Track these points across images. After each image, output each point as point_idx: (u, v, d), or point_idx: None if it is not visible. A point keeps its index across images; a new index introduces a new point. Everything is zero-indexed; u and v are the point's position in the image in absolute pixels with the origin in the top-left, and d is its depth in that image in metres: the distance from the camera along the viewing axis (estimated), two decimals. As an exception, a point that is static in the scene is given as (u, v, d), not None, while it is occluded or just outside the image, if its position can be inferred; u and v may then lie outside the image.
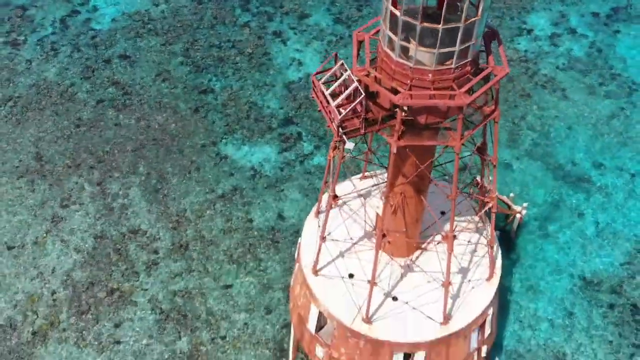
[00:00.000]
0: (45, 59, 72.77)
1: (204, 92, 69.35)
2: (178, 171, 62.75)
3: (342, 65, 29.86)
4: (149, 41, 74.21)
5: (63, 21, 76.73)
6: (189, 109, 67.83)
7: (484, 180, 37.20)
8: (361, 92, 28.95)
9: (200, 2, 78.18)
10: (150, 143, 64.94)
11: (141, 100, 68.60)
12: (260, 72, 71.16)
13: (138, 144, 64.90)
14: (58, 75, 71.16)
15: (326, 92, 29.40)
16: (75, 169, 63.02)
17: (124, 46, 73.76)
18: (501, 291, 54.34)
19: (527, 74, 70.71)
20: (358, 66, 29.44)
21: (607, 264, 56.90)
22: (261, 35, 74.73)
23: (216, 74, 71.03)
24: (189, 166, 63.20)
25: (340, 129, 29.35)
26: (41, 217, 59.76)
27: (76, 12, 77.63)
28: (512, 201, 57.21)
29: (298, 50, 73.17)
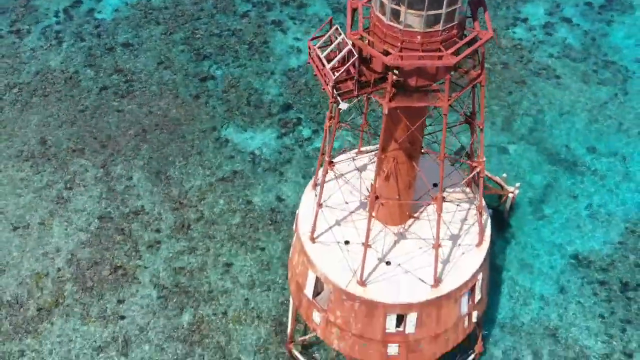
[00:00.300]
0: (50, 47, 75.15)
1: (204, 80, 71.68)
2: (180, 155, 64.97)
3: (336, 29, 32.21)
4: (150, 30, 76.59)
5: (66, 11, 79.10)
6: (190, 95, 70.14)
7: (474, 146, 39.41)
8: (354, 54, 31.30)
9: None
10: (153, 128, 67.20)
11: (143, 87, 70.92)
12: (260, 60, 73.52)
13: (140, 129, 67.17)
14: (62, 63, 73.51)
15: (321, 56, 31.71)
16: (79, 153, 65.25)
17: (127, 35, 76.15)
18: (495, 269, 56.76)
19: (522, 61, 73.03)
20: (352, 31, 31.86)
21: (599, 244, 59.02)
22: (261, 24, 77.12)
23: (217, 61, 73.39)
24: (191, 150, 65.42)
25: (335, 91, 31.64)
26: (46, 198, 61.96)
27: (79, 3, 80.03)
28: (504, 182, 59.39)
29: (297, 39, 75.54)
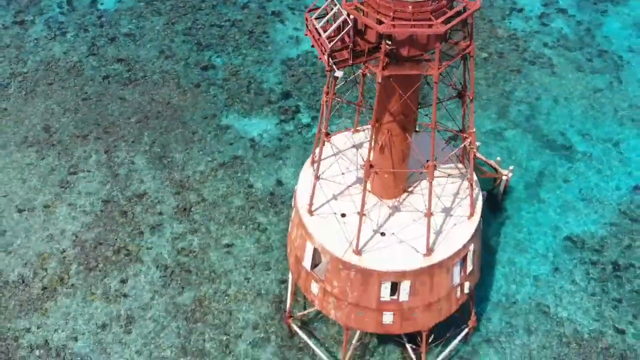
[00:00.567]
0: (53, 38, 77.40)
1: (205, 68, 73.88)
2: (181, 141, 67.10)
3: (332, 1, 34.47)
4: (152, 21, 78.87)
5: (70, 2, 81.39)
6: (191, 83, 72.33)
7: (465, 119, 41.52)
8: (349, 23, 33.56)
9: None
10: (154, 115, 69.36)
11: (145, 75, 73.12)
12: (260, 50, 75.76)
13: (142, 116, 69.34)
14: (65, 53, 75.74)
15: (317, 26, 33.96)
16: (82, 139, 67.40)
17: (129, 26, 78.42)
18: (489, 250, 58.82)
19: (517, 50, 75.21)
20: (347, 2, 34.18)
21: (593, 226, 61.07)
22: (261, 15, 79.39)
23: (217, 51, 75.62)
24: (192, 136, 67.56)
25: (331, 59, 33.87)
26: (51, 183, 64.06)
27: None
28: (499, 165, 61.47)
29: (296, 29, 77.75)
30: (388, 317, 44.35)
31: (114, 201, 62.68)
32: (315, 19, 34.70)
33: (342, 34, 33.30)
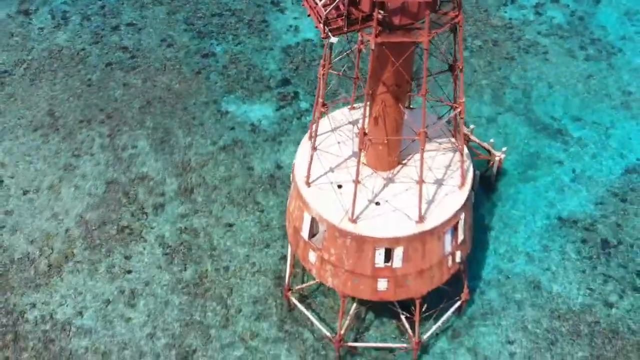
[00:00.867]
0: (57, 26, 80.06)
1: (205, 56, 76.46)
2: (182, 126, 69.60)
3: (327, -28, 37.06)
4: (154, 10, 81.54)
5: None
6: (192, 70, 74.91)
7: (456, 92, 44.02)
8: (343, -10, 36.28)
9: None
10: (156, 101, 71.90)
11: (147, 63, 75.71)
12: (259, 38, 78.37)
13: (145, 101, 71.88)
14: (69, 41, 78.37)
15: (314, -6, 36.61)
16: (86, 124, 69.92)
17: (131, 15, 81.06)
18: (482, 229, 61.24)
19: (511, 39, 77.79)
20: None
21: (582, 205, 63.48)
22: (260, 4, 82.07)
23: (217, 39, 78.24)
24: (193, 121, 70.07)
25: (326, 27, 36.47)
26: (55, 165, 66.53)
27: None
28: (492, 147, 63.89)
29: (295, 18, 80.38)
30: (382, 284, 46.77)
31: (117, 183, 65.10)
32: (312, -12, 37.30)
33: (337, 2, 35.88)
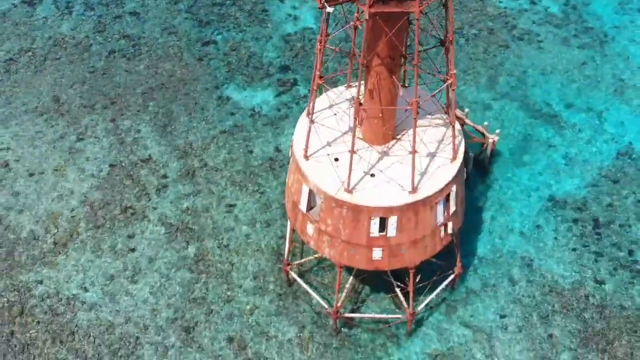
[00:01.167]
0: (61, 16, 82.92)
1: (206, 44, 79.31)
2: (184, 111, 72.39)
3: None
4: (155, 0, 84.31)
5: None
6: (194, 58, 77.74)
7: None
8: (340, -38, 39.12)
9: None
10: (158, 87, 74.69)
11: (149, 50, 78.56)
12: (259, 26, 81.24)
13: (147, 87, 74.68)
14: (72, 30, 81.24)
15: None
16: (90, 109, 72.70)
17: (133, 5, 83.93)
18: (476, 209, 63.96)
19: (506, 27, 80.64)
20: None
21: (574, 187, 66.17)
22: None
23: (218, 28, 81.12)
24: (194, 106, 72.85)
25: (323, -3, 39.47)
26: (60, 149, 69.26)
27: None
28: (486, 130, 66.63)
29: (295, 7, 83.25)
30: (377, 253, 49.43)
31: (120, 165, 67.81)
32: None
33: (333, -25, 38.81)
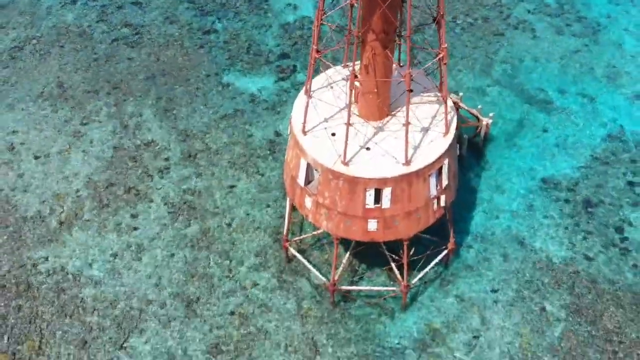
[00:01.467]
0: (64, 5, 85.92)
1: (207, 32, 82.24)
2: (186, 96, 75.26)
3: None
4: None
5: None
6: (195, 45, 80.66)
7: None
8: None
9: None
10: (160, 73, 77.57)
11: (151, 39, 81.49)
12: (259, 15, 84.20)
13: (149, 74, 77.57)
14: (76, 19, 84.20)
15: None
16: (93, 94, 75.57)
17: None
18: (469, 190, 66.74)
19: (501, 16, 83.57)
20: None
21: (566, 169, 68.94)
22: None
23: (218, 17, 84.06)
24: (195, 92, 75.73)
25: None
26: (64, 132, 72.09)
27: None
28: (480, 113, 69.47)
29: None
30: (372, 225, 52.21)
31: (123, 148, 70.63)
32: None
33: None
